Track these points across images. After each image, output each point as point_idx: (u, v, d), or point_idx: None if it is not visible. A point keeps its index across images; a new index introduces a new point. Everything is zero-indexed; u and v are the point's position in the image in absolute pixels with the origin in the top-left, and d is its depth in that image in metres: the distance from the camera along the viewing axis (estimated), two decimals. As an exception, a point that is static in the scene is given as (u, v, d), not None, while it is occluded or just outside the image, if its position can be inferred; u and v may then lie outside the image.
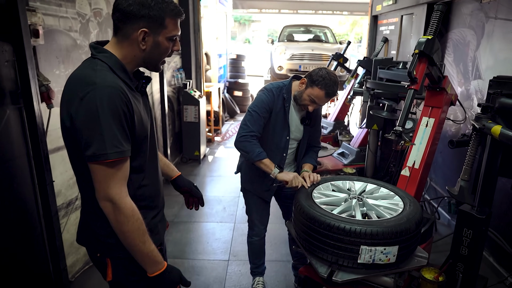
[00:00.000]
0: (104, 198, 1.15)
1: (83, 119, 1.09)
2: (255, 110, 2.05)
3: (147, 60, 1.24)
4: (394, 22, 4.51)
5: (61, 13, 2.35)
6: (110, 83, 1.11)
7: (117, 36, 1.20)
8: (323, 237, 1.60)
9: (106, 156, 1.10)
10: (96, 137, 1.09)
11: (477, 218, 1.85)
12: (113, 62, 1.18)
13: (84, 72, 1.15)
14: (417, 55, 1.96)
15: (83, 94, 1.09)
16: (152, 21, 1.17)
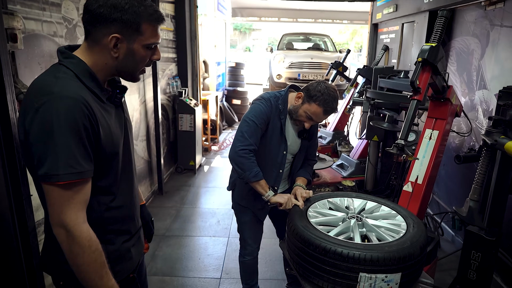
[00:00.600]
0: (57, 224, 1.00)
1: (36, 133, 0.96)
2: (253, 120, 1.87)
3: (121, 69, 1.11)
4: (395, 30, 4.41)
5: (45, 18, 2.23)
6: (70, 93, 0.98)
7: (88, 40, 1.07)
8: (318, 262, 1.45)
9: (58, 178, 0.95)
10: (49, 154, 0.95)
11: (486, 240, 1.70)
12: (81, 69, 1.05)
13: (44, 79, 1.02)
14: (421, 64, 1.83)
15: (39, 105, 0.95)
16: (126, 26, 1.03)
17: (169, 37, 4.57)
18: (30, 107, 0.97)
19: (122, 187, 1.19)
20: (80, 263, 1.01)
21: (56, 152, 0.95)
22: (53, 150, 0.95)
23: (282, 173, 2.02)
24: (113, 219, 1.17)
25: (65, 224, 0.99)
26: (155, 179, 4.26)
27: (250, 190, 2.02)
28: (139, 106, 3.75)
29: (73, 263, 1.02)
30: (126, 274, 1.24)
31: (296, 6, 10.02)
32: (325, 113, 1.86)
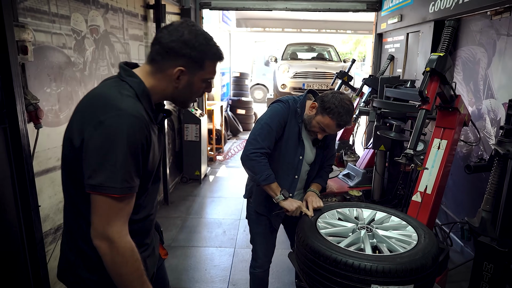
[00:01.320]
0: (101, 236, 1.03)
1: (98, 144, 1.00)
2: (267, 123, 1.85)
3: (176, 97, 1.21)
4: (400, 40, 4.42)
5: (54, 30, 2.26)
6: (135, 112, 1.04)
7: (152, 66, 1.14)
8: (329, 274, 1.43)
9: (114, 190, 1.00)
10: (108, 166, 1.00)
11: (498, 251, 1.68)
12: (141, 90, 1.11)
13: (109, 93, 1.08)
14: (429, 73, 1.83)
15: (105, 118, 1.01)
16: (192, 61, 1.13)
17: (175, 48, 4.61)
18: (94, 117, 1.02)
19: (147, 202, 1.24)
20: (123, 272, 1.06)
21: (115, 165, 1.00)
22: (113, 163, 0.99)
23: (298, 178, 1.97)
24: (134, 232, 1.17)
25: (111, 236, 1.02)
26: (160, 189, 4.26)
27: (268, 196, 1.93)
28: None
29: (115, 274, 1.06)
30: None
31: (300, 17, 10.10)
32: (338, 126, 1.81)
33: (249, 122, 8.82)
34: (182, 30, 1.10)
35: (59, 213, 2.37)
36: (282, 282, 2.86)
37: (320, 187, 2.00)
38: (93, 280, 1.16)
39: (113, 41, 3.02)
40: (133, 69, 1.15)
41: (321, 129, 1.85)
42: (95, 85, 2.76)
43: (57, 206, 2.35)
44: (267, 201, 2.00)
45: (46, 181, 2.22)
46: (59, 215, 2.37)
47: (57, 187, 2.33)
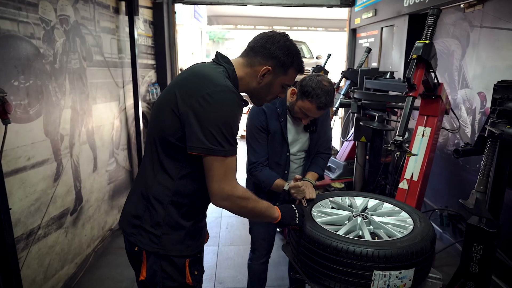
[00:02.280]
0: (221, 199, 1.20)
1: (208, 113, 1.14)
2: (252, 138, 1.95)
3: (255, 93, 1.36)
4: (374, 34, 4.49)
5: (21, 18, 2.09)
6: (235, 90, 1.20)
7: (244, 59, 1.32)
8: (330, 263, 1.40)
9: (227, 152, 1.16)
10: (220, 133, 1.14)
11: (487, 232, 1.71)
12: (233, 76, 1.28)
13: (211, 72, 1.23)
14: (415, 60, 1.84)
15: (211, 91, 1.15)
16: (280, 65, 1.29)
17: (147, 43, 4.46)
18: (200, 90, 1.16)
19: None
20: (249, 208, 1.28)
21: (223, 132, 1.15)
22: (222, 130, 1.14)
23: (288, 174, 1.98)
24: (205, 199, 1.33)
25: (232, 193, 1.20)
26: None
27: (259, 190, 1.99)
28: (120, 113, 3.61)
29: (245, 213, 1.30)
30: (195, 251, 1.36)
31: (272, 14, 10.11)
32: (318, 109, 1.79)
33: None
34: (280, 38, 1.29)
35: (31, 216, 2.20)
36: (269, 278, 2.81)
37: (317, 175, 1.98)
38: (156, 235, 1.27)
39: (84, 33, 2.86)
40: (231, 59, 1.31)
41: (303, 113, 1.83)
42: (66, 79, 2.62)
43: (29, 209, 2.18)
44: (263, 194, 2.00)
45: (16, 182, 2.05)
46: (31, 218, 2.20)
47: (28, 189, 2.17)
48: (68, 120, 2.62)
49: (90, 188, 2.96)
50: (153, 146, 1.30)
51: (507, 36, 2.51)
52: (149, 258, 1.29)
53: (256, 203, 1.30)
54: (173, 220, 1.28)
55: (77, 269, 2.76)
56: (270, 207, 1.38)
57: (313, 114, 1.83)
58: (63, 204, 2.55)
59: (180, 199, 1.28)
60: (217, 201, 1.21)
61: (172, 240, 1.29)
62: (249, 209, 1.27)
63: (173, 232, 1.29)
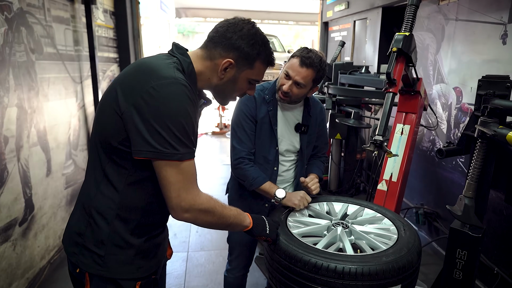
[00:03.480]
0: (184, 209, 1.04)
1: (154, 110, 0.97)
2: (236, 124, 1.77)
3: (218, 90, 1.20)
4: (347, 27, 4.39)
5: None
6: (185, 83, 1.03)
7: (203, 51, 1.15)
8: (308, 281, 1.24)
9: (180, 156, 1.00)
10: (169, 133, 0.98)
11: (472, 237, 1.61)
12: (189, 70, 1.11)
13: (159, 63, 1.06)
14: (395, 54, 1.71)
15: (157, 84, 0.99)
16: (243, 57, 1.13)
17: (109, 35, 4.15)
18: (144, 84, 0.99)
19: None
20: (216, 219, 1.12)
21: (174, 132, 0.98)
22: (173, 129, 0.98)
23: (277, 170, 1.80)
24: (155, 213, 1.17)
25: (194, 203, 1.04)
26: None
27: (240, 198, 1.86)
28: (77, 111, 3.31)
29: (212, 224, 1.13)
30: (148, 272, 1.18)
31: (243, 7, 9.88)
32: (301, 63, 1.60)
33: (193, 116, 8.46)
34: (243, 26, 1.12)
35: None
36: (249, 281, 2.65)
37: (317, 177, 1.80)
38: (99, 255, 1.10)
39: (31, 22, 2.55)
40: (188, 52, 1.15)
41: (286, 76, 1.66)
42: (10, 73, 2.31)
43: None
44: (239, 200, 1.87)
45: None
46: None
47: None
48: (13, 120, 2.32)
49: (43, 194, 2.68)
50: (95, 152, 1.12)
51: (483, 29, 2.44)
52: (92, 281, 1.12)
53: (223, 211, 1.15)
54: (120, 238, 1.11)
55: (28, 285, 2.48)
56: (239, 214, 1.23)
57: (294, 73, 1.63)
58: (9, 214, 2.27)
59: (128, 213, 1.10)
60: (177, 214, 1.06)
61: (119, 261, 1.11)
62: (215, 219, 1.13)
63: (119, 251, 1.11)
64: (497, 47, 2.32)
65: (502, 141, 1.29)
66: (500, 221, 2.35)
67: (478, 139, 1.44)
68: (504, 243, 2.34)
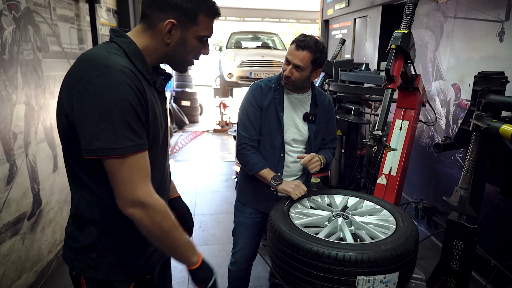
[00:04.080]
0: (132, 203, 0.98)
1: (89, 105, 0.93)
2: (242, 112, 1.85)
3: (171, 57, 1.11)
4: (347, 25, 4.44)
5: (-39, 2, 1.85)
6: (124, 68, 0.96)
7: (142, 23, 1.07)
8: (310, 268, 1.30)
9: (119, 151, 0.94)
10: (107, 127, 0.92)
11: (468, 228, 1.67)
12: (132, 49, 1.04)
13: (96, 53, 1.00)
14: (394, 51, 1.76)
15: (91, 77, 0.93)
16: (184, 14, 1.04)
17: (112, 33, 4.20)
18: (82, 78, 0.94)
19: (153, 175, 1.09)
20: (165, 228, 1.03)
21: (113, 125, 0.93)
22: (111, 122, 0.92)
23: (284, 157, 1.84)
24: None
25: (141, 199, 0.98)
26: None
27: (249, 187, 1.93)
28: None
29: (159, 232, 1.02)
30: (141, 273, 1.17)
31: (243, 5, 9.92)
32: (297, 47, 1.69)
33: (195, 114, 8.50)
34: None
35: (-20, 224, 1.98)
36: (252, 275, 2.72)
37: (325, 160, 1.83)
38: (92, 258, 1.10)
39: (38, 21, 2.60)
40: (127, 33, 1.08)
41: (286, 61, 1.75)
42: (18, 71, 2.37)
43: (-23, 216, 1.96)
44: (248, 191, 1.95)
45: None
46: (-20, 226, 1.99)
47: (-24, 194, 1.95)
48: (21, 116, 2.38)
49: (50, 190, 2.74)
50: (66, 160, 1.09)
51: (481, 27, 2.49)
52: (87, 284, 1.12)
53: (176, 228, 1.05)
54: (109, 240, 1.10)
55: (37, 278, 2.54)
56: (191, 246, 1.12)
57: (292, 57, 1.71)
58: (18, 209, 2.33)
59: (112, 215, 1.06)
60: (123, 205, 0.98)
61: (111, 263, 1.11)
62: (164, 228, 1.02)
63: (110, 253, 1.10)
64: (494, 44, 2.37)
65: (495, 134, 1.35)
66: (497, 215, 2.41)
67: (473, 132, 1.50)
68: (501, 236, 2.40)
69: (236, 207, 2.03)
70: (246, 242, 1.99)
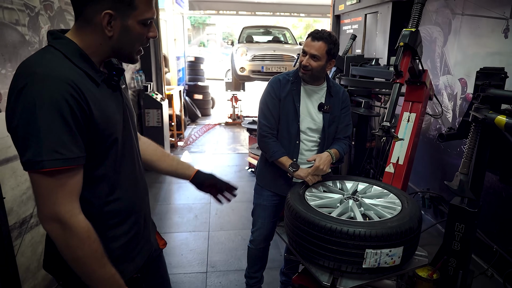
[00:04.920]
0: (50, 218, 0.93)
1: (19, 116, 0.89)
2: (262, 103, 2.04)
3: (117, 50, 1.04)
4: (358, 21, 4.55)
5: (6, 3, 2.04)
6: (54, 73, 0.91)
7: (79, 21, 1.00)
8: (324, 243, 1.47)
9: (42, 164, 0.88)
10: (32, 139, 0.88)
11: (469, 212, 1.82)
12: (71, 49, 0.98)
13: (29, 59, 0.96)
14: (402, 48, 1.90)
15: (21, 86, 0.90)
16: (118, 1, 0.96)
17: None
18: (13, 89, 0.91)
19: (122, 177, 1.12)
20: (80, 255, 0.96)
21: (38, 137, 0.88)
22: (36, 134, 0.88)
23: (299, 144, 2.02)
24: (113, 213, 1.10)
25: (60, 216, 0.92)
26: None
27: (268, 171, 2.12)
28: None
29: (71, 258, 0.97)
30: (129, 275, 1.16)
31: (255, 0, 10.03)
32: (313, 39, 1.89)
33: (207, 107, 8.68)
34: None
35: (23, 205, 2.19)
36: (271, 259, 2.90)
37: (337, 152, 1.96)
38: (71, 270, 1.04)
39: (68, 19, 2.79)
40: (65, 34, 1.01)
41: (303, 53, 1.94)
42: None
43: (21, 197, 2.17)
44: (266, 175, 2.14)
45: (7, 171, 2.03)
46: (23, 207, 2.19)
47: (19, 178, 2.15)
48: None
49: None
50: None
51: (487, 23, 2.61)
52: None
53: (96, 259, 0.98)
54: None
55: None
56: (114, 282, 1.02)
57: (308, 47, 1.90)
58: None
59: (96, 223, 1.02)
60: (41, 219, 0.95)
61: None
62: (78, 255, 0.96)
63: None
64: (500, 40, 2.49)
65: (491, 124, 1.50)
66: (500, 203, 2.55)
67: (472, 123, 1.64)
68: (503, 222, 2.54)
69: (256, 189, 2.22)
70: (264, 223, 2.18)
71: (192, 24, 22.96)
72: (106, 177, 1.07)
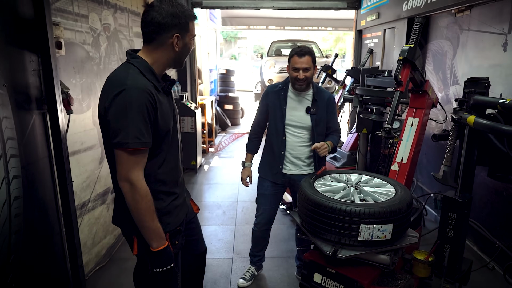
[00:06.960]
0: (124, 179, 1.36)
1: (114, 112, 1.33)
2: (256, 111, 2.62)
3: (176, 60, 1.50)
4: (378, 35, 4.85)
5: (77, 28, 2.55)
6: (138, 85, 1.34)
7: (151, 44, 1.44)
8: (327, 219, 1.81)
9: (128, 145, 1.31)
10: (122, 128, 1.32)
11: (459, 202, 2.09)
12: (144, 67, 1.41)
13: (119, 74, 1.41)
14: (402, 61, 2.23)
15: (116, 93, 1.32)
16: (182, 27, 1.43)
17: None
18: (110, 93, 1.35)
19: (169, 157, 1.55)
20: (139, 207, 1.38)
21: (127, 127, 1.31)
22: (126, 125, 1.31)
23: (285, 140, 2.45)
24: (162, 181, 1.53)
25: (130, 179, 1.35)
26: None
27: (264, 161, 2.61)
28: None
29: (134, 208, 1.38)
30: (174, 226, 1.57)
31: (284, 15, 10.50)
32: (299, 55, 2.31)
33: (236, 117, 9.14)
34: (163, 7, 1.39)
35: (83, 191, 2.67)
36: (280, 250, 3.24)
37: (332, 143, 2.37)
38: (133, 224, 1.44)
39: (121, 38, 3.31)
40: (137, 53, 1.46)
41: (294, 70, 2.34)
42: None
43: (82, 184, 2.65)
44: (263, 166, 2.61)
45: (73, 162, 2.51)
46: (83, 192, 2.67)
47: (82, 168, 2.63)
48: (109, 112, 3.07)
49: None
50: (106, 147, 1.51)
51: (490, 38, 2.86)
52: (137, 239, 1.51)
53: (149, 212, 1.39)
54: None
55: (116, 240, 3.22)
56: (157, 233, 1.43)
57: (298, 64, 2.32)
58: (105, 184, 3.02)
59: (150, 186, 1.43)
60: (119, 179, 1.38)
61: None
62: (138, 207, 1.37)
63: None
64: (500, 54, 2.74)
65: (464, 123, 1.79)
66: (502, 202, 2.76)
67: (453, 122, 1.94)
68: (505, 220, 2.75)
69: (258, 181, 2.66)
70: (265, 209, 2.61)
71: (224, 38, 23.80)
72: (160, 155, 1.50)
